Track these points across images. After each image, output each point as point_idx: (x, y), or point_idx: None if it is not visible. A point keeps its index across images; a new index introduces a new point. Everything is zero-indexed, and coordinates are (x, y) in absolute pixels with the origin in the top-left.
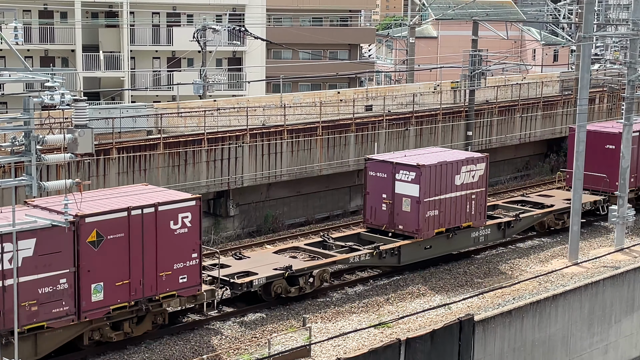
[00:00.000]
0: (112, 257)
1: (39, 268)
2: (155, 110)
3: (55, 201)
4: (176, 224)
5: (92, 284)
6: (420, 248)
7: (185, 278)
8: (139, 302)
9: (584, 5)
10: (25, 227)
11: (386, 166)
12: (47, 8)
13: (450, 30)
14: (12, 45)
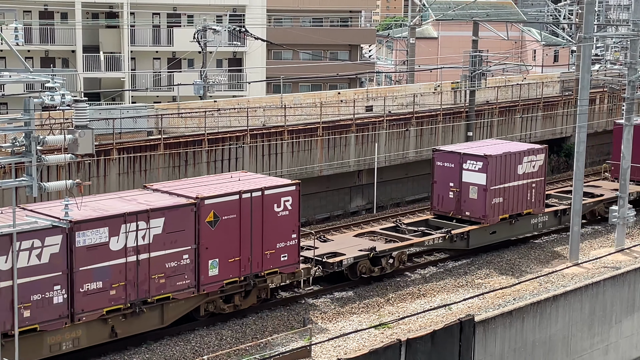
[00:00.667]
0: (226, 236)
1: (167, 245)
2: (156, 110)
3: (176, 185)
4: (279, 206)
5: (209, 260)
6: (486, 233)
7: (286, 256)
8: (247, 278)
9: (585, 5)
10: (26, 227)
11: (454, 156)
12: (48, 9)
13: (451, 30)
14: (12, 46)
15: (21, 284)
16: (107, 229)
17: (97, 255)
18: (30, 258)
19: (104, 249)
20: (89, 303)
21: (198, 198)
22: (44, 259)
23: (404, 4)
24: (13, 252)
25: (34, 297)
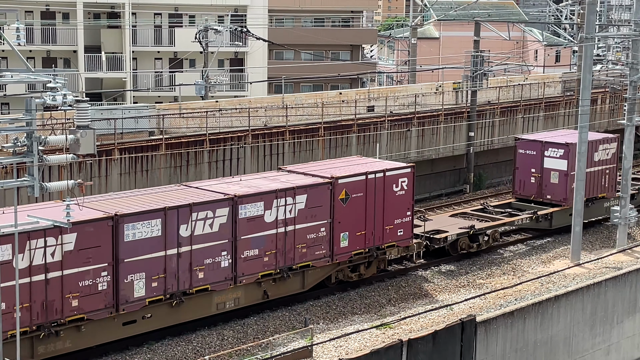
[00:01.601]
0: (354, 212)
1: (308, 218)
2: (157, 111)
3: (307, 167)
4: (397, 186)
5: (341, 232)
6: (566, 214)
7: (402, 232)
8: (370, 250)
9: (586, 5)
10: (28, 227)
11: (535, 145)
12: (49, 9)
13: (452, 31)
14: (14, 46)
15: (197, 249)
16: (263, 203)
17: (255, 226)
18: (204, 227)
19: (260, 221)
20: (248, 268)
21: (333, 178)
22: (214, 228)
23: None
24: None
25: (206, 261)
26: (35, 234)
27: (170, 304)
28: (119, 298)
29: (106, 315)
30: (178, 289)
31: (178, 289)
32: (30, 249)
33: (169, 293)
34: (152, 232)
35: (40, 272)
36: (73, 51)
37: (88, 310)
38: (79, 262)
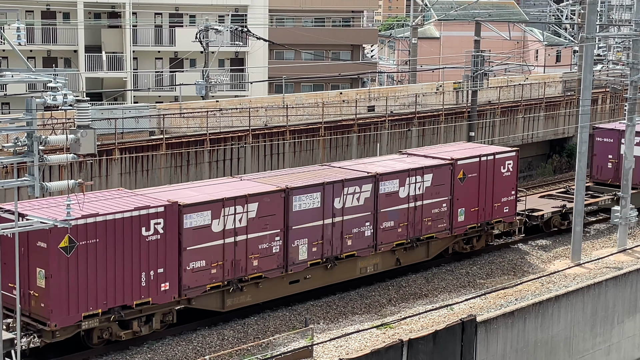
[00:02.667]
0: (470, 190)
1: (433, 195)
2: (158, 110)
3: (425, 151)
4: (504, 168)
5: (459, 208)
6: None
7: (507, 209)
8: (481, 224)
9: (587, 5)
10: (28, 227)
11: (613, 133)
12: (50, 9)
13: (453, 30)
14: (14, 46)
15: (347, 219)
16: (398, 180)
17: (391, 201)
18: (352, 200)
19: (395, 197)
20: (385, 237)
21: (453, 159)
22: (360, 202)
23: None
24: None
25: (354, 230)
26: (229, 202)
27: (325, 267)
28: (288, 260)
29: (278, 275)
30: (331, 254)
31: (331, 254)
32: (224, 215)
33: (324, 257)
34: (313, 203)
35: (230, 235)
36: (74, 51)
37: (265, 270)
38: (259, 228)
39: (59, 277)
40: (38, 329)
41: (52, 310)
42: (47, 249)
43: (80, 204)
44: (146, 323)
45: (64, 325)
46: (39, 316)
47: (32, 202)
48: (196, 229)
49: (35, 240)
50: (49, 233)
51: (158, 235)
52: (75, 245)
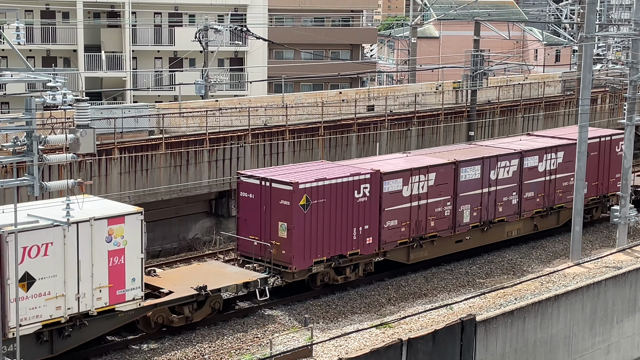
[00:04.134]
0: (591, 166)
1: (564, 170)
2: (157, 110)
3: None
4: (617, 148)
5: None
6: None
7: (619, 184)
8: (599, 197)
9: (586, 5)
10: (28, 226)
11: None
12: (49, 8)
13: (452, 30)
14: (14, 46)
15: (499, 189)
16: (537, 157)
17: (532, 174)
18: (503, 173)
19: (535, 171)
20: (527, 205)
21: (522, 151)
22: (509, 174)
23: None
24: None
25: (504, 198)
26: (415, 171)
27: (482, 230)
28: (456, 222)
29: (448, 235)
30: (487, 218)
31: (487, 219)
32: (411, 182)
33: (482, 221)
34: (475, 174)
35: (415, 200)
36: (73, 50)
37: (439, 230)
38: (435, 194)
39: (298, 229)
40: (280, 271)
41: (293, 256)
42: (290, 206)
43: None
44: (353, 270)
45: (300, 268)
46: (280, 262)
47: (272, 169)
48: (391, 193)
49: (278, 199)
50: (292, 193)
51: (365, 198)
52: (310, 204)
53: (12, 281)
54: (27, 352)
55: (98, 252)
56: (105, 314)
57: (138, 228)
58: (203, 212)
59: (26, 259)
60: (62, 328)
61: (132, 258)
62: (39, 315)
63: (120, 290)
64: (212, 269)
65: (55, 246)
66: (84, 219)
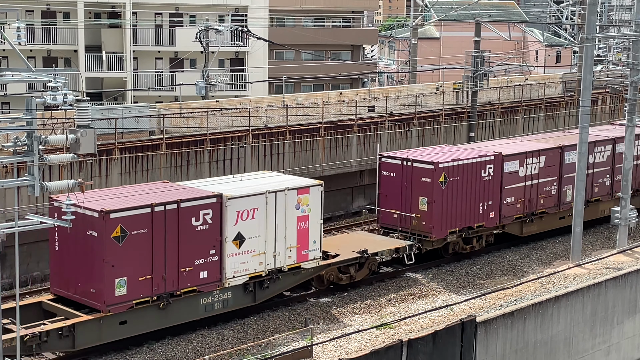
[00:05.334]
0: None
1: None
2: (158, 110)
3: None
4: None
5: None
6: None
7: None
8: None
9: (587, 6)
10: (28, 227)
11: None
12: (50, 8)
13: (453, 31)
14: (14, 46)
15: (596, 172)
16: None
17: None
18: (599, 157)
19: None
20: (618, 187)
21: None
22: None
23: (406, 5)
24: None
25: (599, 180)
26: (529, 154)
27: None
28: (560, 200)
29: (554, 211)
30: (585, 198)
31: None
32: (526, 164)
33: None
34: (575, 158)
35: (529, 180)
36: (74, 51)
37: (547, 207)
38: (545, 175)
39: (437, 203)
40: (421, 240)
41: (433, 227)
42: (431, 182)
43: None
44: (477, 241)
45: (438, 237)
46: (421, 232)
47: (410, 151)
48: (510, 173)
49: (419, 177)
50: (434, 171)
51: (490, 177)
52: (447, 181)
53: (228, 239)
54: (236, 300)
55: (290, 217)
56: (293, 270)
57: (319, 198)
58: None
59: (239, 221)
60: (262, 280)
61: (314, 223)
62: (246, 269)
63: (304, 251)
64: (362, 237)
65: (259, 211)
66: (280, 189)
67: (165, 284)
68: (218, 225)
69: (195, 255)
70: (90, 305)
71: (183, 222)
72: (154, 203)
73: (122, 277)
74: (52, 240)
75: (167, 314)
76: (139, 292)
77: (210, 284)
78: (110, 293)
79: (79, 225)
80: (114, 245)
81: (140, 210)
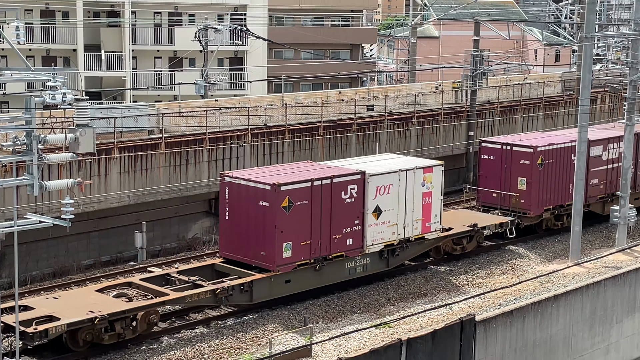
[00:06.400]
0: None
1: None
2: (157, 110)
3: None
4: None
5: None
6: None
7: None
8: None
9: (586, 5)
10: (27, 227)
11: None
12: (49, 7)
13: (452, 30)
14: (14, 45)
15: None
16: None
17: None
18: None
19: None
20: None
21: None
22: None
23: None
24: None
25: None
26: (610, 140)
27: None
28: (636, 183)
29: (631, 193)
30: None
31: None
32: (608, 149)
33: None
34: None
35: (610, 163)
36: (73, 50)
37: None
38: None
39: (535, 183)
40: (520, 216)
41: (531, 204)
42: (530, 164)
43: None
44: (566, 218)
45: (535, 214)
46: (520, 209)
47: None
48: (595, 157)
49: (518, 160)
50: (532, 154)
51: None
52: (544, 163)
53: (369, 211)
54: (373, 265)
55: (417, 193)
56: (418, 240)
57: (440, 176)
58: (202, 212)
59: (377, 195)
60: (394, 248)
61: (436, 199)
62: (382, 238)
63: (428, 223)
64: (468, 213)
65: (393, 187)
66: (410, 168)
67: (320, 249)
68: (361, 198)
69: (343, 225)
70: (261, 266)
71: (335, 195)
72: (313, 178)
73: (288, 241)
74: (223, 211)
75: (321, 275)
76: (300, 255)
77: (354, 250)
78: (279, 255)
79: (250, 197)
80: (282, 214)
81: (302, 184)
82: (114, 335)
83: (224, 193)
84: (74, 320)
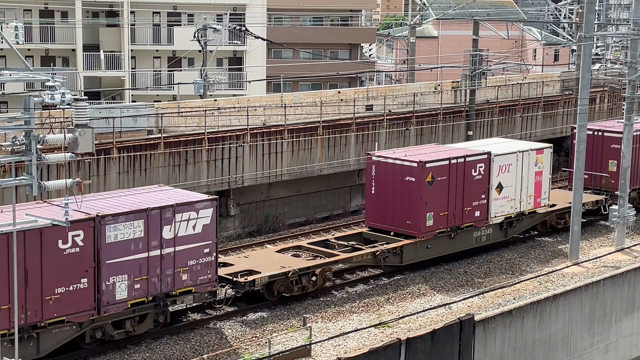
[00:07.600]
0: None
1: None
2: (156, 109)
3: None
4: None
5: None
6: None
7: None
8: None
9: (585, 5)
10: (26, 226)
11: None
12: (48, 7)
13: (451, 29)
14: (12, 45)
15: None
16: None
17: None
18: None
19: None
20: None
21: None
22: None
23: (404, 3)
24: None
25: None
26: None
27: None
28: None
29: None
30: None
31: None
32: None
33: None
34: None
35: None
36: (72, 50)
37: None
38: None
39: None
40: (610, 195)
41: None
42: (620, 148)
43: None
44: None
45: None
46: (610, 189)
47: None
48: None
49: (609, 144)
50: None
51: None
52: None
53: (493, 187)
54: (495, 235)
55: (530, 172)
56: (531, 214)
57: (549, 158)
58: None
59: (500, 173)
60: (511, 221)
61: (546, 178)
62: (502, 211)
63: (539, 199)
64: (564, 192)
65: (512, 166)
66: (526, 149)
67: (454, 219)
68: (487, 176)
69: (472, 198)
70: (406, 233)
71: (467, 173)
72: (451, 157)
73: (430, 212)
74: (369, 186)
75: (454, 242)
76: (439, 224)
77: (481, 221)
78: (423, 224)
79: (396, 173)
80: (427, 187)
81: (442, 162)
82: (300, 288)
83: (370, 171)
84: (273, 273)
